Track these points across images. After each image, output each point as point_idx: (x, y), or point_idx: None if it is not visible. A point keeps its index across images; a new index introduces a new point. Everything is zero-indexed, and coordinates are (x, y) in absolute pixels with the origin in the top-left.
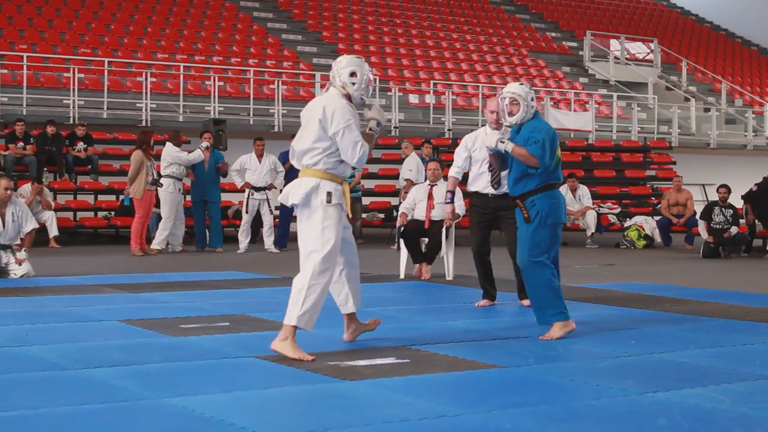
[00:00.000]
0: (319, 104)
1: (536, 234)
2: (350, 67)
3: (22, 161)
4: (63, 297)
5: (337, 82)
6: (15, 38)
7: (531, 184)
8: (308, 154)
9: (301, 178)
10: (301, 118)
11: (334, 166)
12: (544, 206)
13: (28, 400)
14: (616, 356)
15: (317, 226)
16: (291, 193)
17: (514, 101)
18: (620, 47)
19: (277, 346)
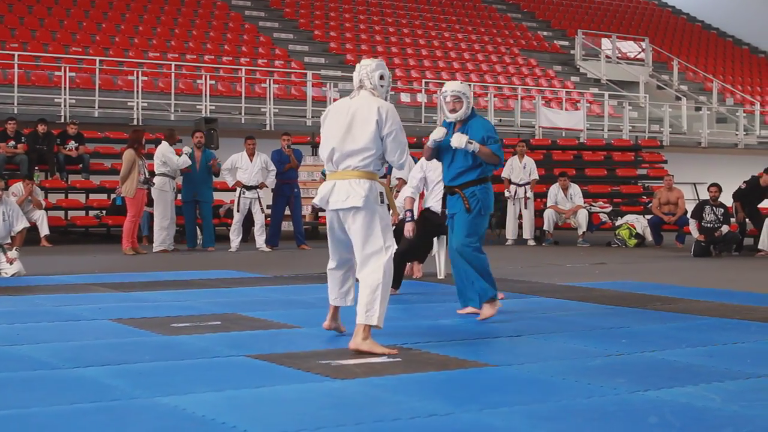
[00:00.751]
0: (370, 105)
1: (474, 222)
2: (380, 70)
3: (13, 160)
4: (54, 296)
5: (368, 85)
6: (6, 37)
7: (472, 176)
8: (359, 155)
9: (350, 180)
10: (333, 120)
11: (379, 168)
12: (484, 197)
13: (19, 399)
14: (608, 355)
15: (379, 226)
16: (348, 196)
17: (458, 98)
18: (611, 46)
19: (362, 345)
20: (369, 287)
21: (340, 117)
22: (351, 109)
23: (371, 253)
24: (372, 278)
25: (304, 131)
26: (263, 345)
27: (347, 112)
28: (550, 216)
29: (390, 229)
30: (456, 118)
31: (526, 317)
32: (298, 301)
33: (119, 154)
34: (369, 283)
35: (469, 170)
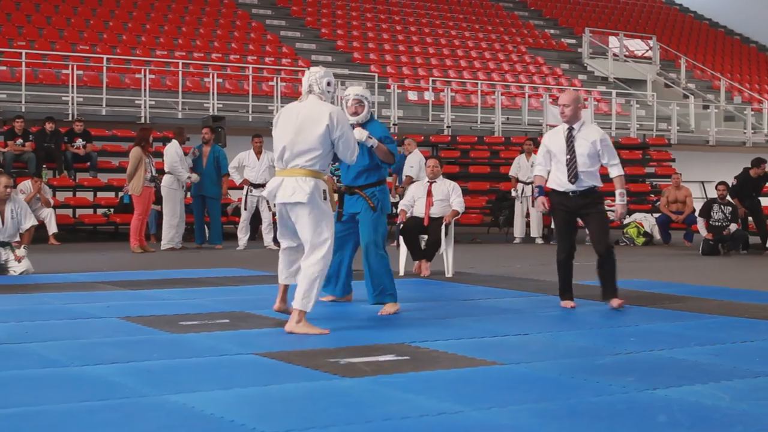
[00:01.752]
0: (320, 110)
1: (379, 222)
2: (327, 77)
3: (21, 158)
4: (62, 294)
5: (317, 90)
6: (13, 35)
7: (372, 177)
8: (307, 155)
9: (296, 178)
10: (284, 121)
11: (324, 167)
12: (382, 198)
13: (29, 397)
14: (616, 353)
15: (320, 221)
16: (293, 192)
17: (359, 102)
18: (619, 44)
19: (295, 328)
20: (308, 278)
21: (291, 119)
22: (301, 112)
23: (315, 246)
24: (312, 270)
25: None
26: (272, 343)
27: (297, 115)
28: None
29: (331, 223)
30: (357, 121)
31: (534, 315)
32: None
33: (127, 152)
34: (308, 274)
35: (368, 171)
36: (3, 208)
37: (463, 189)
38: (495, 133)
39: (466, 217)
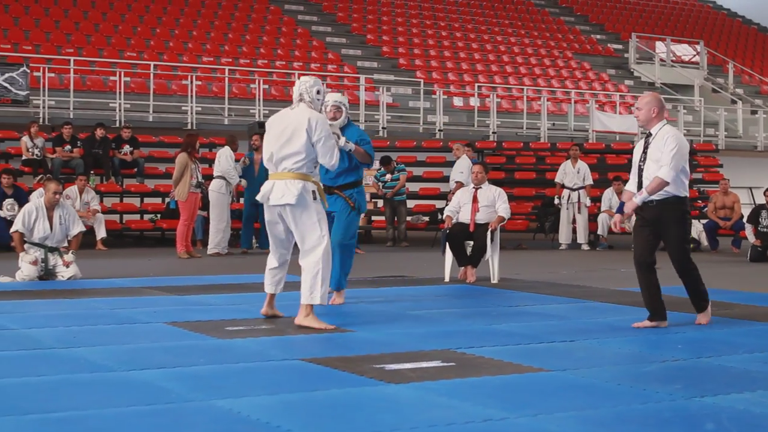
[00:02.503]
0: (302, 116)
1: (353, 221)
2: (317, 86)
3: (69, 164)
4: (110, 299)
5: (306, 98)
6: (62, 42)
7: (350, 178)
8: (292, 158)
9: (285, 181)
10: (274, 127)
11: (311, 170)
12: (360, 199)
13: (76, 401)
14: (663, 360)
15: (314, 220)
16: (283, 194)
17: (338, 108)
18: (666, 49)
19: (303, 321)
20: (310, 273)
21: (281, 125)
22: (290, 119)
23: (312, 243)
24: (313, 267)
25: None
26: (317, 348)
27: (287, 122)
28: (604, 220)
29: (324, 221)
30: (336, 125)
31: (581, 322)
32: (351, 305)
33: (173, 158)
34: (310, 270)
35: (347, 172)
36: (52, 214)
37: (509, 195)
38: (541, 139)
39: (512, 223)
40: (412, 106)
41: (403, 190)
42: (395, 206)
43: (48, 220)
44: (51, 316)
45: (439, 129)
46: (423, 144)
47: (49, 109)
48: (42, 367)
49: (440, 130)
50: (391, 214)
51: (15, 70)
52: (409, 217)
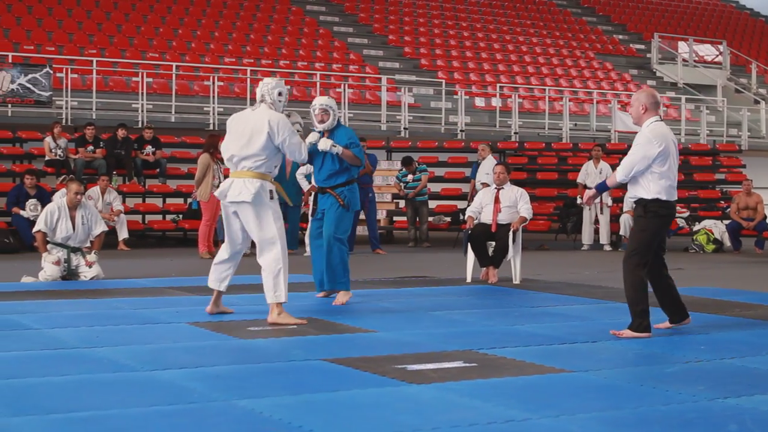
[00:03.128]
0: (262, 118)
1: (343, 216)
2: (278, 87)
3: (91, 165)
4: (132, 299)
5: (267, 100)
6: (84, 43)
7: (341, 178)
8: (253, 159)
9: (244, 179)
10: (235, 127)
11: (270, 170)
12: (351, 197)
13: (99, 401)
14: (686, 361)
15: (270, 218)
16: (240, 192)
17: (325, 111)
18: (688, 49)
19: (277, 319)
20: (271, 273)
21: (241, 125)
22: (251, 119)
23: (267, 242)
24: (273, 265)
25: (379, 136)
26: (339, 349)
27: (247, 122)
28: (626, 221)
29: (279, 221)
30: (324, 128)
31: (603, 323)
32: (373, 306)
33: (195, 159)
34: (271, 270)
35: (338, 173)
36: (74, 214)
37: (531, 195)
38: (563, 139)
39: (534, 223)
40: (434, 106)
41: (424, 191)
42: (417, 207)
43: (70, 220)
44: (74, 316)
45: (460, 129)
46: (445, 144)
47: (71, 110)
48: (65, 367)
49: (462, 131)
50: (412, 214)
51: (38, 71)
52: (430, 217)
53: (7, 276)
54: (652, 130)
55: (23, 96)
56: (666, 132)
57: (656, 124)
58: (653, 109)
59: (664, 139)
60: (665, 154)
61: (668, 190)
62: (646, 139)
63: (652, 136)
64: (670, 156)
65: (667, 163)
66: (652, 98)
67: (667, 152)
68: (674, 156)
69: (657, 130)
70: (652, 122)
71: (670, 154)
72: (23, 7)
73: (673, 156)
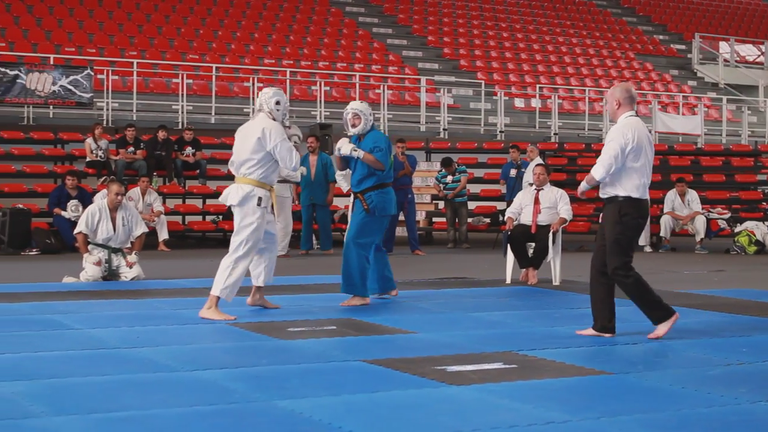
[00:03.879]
0: (256, 126)
1: (367, 222)
2: (275, 97)
3: (132, 166)
4: (172, 300)
5: (265, 109)
6: (125, 45)
7: (369, 182)
8: (245, 164)
9: (239, 184)
10: (237, 135)
11: (265, 176)
12: (378, 201)
13: (140, 401)
14: (728, 364)
15: (248, 223)
16: (230, 195)
17: (357, 116)
18: (730, 49)
19: (205, 313)
20: (223, 269)
21: (241, 133)
22: (248, 127)
23: (235, 243)
24: (227, 262)
25: (418, 137)
26: (379, 350)
27: (245, 131)
28: (666, 222)
29: (257, 231)
30: (356, 132)
31: (643, 325)
32: (412, 307)
33: None
34: (225, 267)
35: (366, 177)
36: (115, 215)
37: (571, 197)
38: (603, 140)
39: (574, 224)
40: (473, 107)
41: (464, 192)
42: (456, 208)
43: (111, 221)
44: (114, 316)
45: (500, 130)
46: (484, 145)
47: (112, 111)
48: (106, 367)
49: (501, 132)
50: (452, 215)
51: (79, 72)
52: (470, 218)
53: (49, 276)
54: (625, 124)
55: (64, 98)
56: (640, 127)
57: (630, 119)
58: (627, 104)
59: (637, 133)
60: (638, 150)
61: (642, 188)
62: (619, 134)
63: (626, 130)
64: (642, 151)
65: (641, 160)
66: (626, 93)
67: (640, 147)
68: (648, 152)
69: (630, 125)
70: (626, 117)
71: (643, 150)
72: (65, 10)
73: (646, 152)
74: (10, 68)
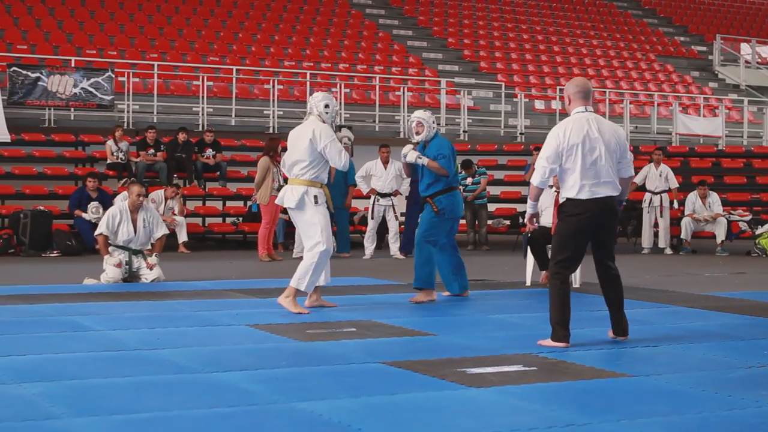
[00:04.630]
0: (307, 128)
1: (436, 222)
2: (325, 100)
3: (152, 168)
4: (193, 301)
5: (315, 112)
6: (146, 47)
7: (438, 187)
8: (297, 165)
9: (292, 186)
10: (289, 139)
11: (316, 176)
12: (447, 203)
13: (160, 402)
14: (749, 366)
15: (314, 221)
16: (285, 197)
17: (420, 124)
18: (751, 51)
19: (282, 301)
20: (305, 263)
21: (294, 136)
22: (300, 131)
23: (310, 242)
24: (309, 258)
25: None
26: (398, 352)
27: (297, 133)
28: (687, 224)
29: (323, 224)
30: (420, 140)
31: (664, 327)
32: (432, 309)
33: (255, 162)
34: (306, 261)
35: (434, 183)
36: (135, 217)
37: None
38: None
39: None
40: (493, 109)
41: (484, 194)
42: (476, 210)
43: (132, 223)
44: (135, 317)
45: (520, 132)
46: (504, 147)
47: (133, 114)
48: (127, 368)
49: (521, 134)
50: (472, 217)
51: (100, 75)
52: (490, 220)
53: (70, 278)
54: (564, 122)
55: (86, 100)
56: (581, 123)
57: (576, 115)
58: (578, 99)
59: (574, 130)
60: (574, 147)
61: (583, 187)
62: (552, 133)
63: (560, 129)
64: (576, 148)
65: (578, 158)
66: (575, 88)
67: (575, 144)
68: (590, 149)
69: (568, 121)
70: (576, 113)
71: (576, 147)
72: (86, 13)
73: (588, 149)
74: (32, 71)
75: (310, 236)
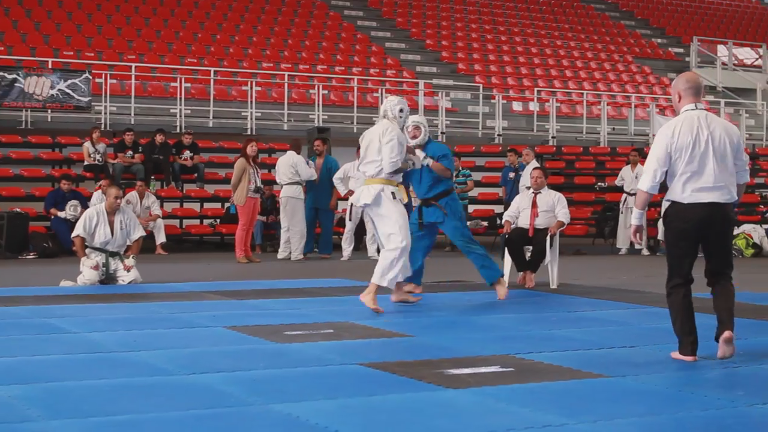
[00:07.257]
0: (379, 129)
1: (458, 225)
2: (399, 105)
3: (130, 170)
4: (170, 303)
5: (390, 115)
6: (123, 48)
7: (439, 188)
8: (371, 165)
9: (367, 186)
10: (362, 141)
11: (390, 175)
12: (453, 206)
13: (137, 404)
14: (725, 367)
15: (392, 218)
16: (362, 196)
17: (417, 127)
18: (728, 53)
19: (364, 297)
20: (386, 260)
21: (366, 138)
22: (372, 132)
23: (386, 236)
24: (389, 254)
25: None
26: (376, 353)
27: (370, 135)
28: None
29: (400, 219)
30: (416, 143)
31: (640, 328)
32: (409, 310)
33: (233, 164)
34: (386, 257)
35: (434, 184)
36: (113, 219)
37: (568, 200)
38: (600, 143)
39: (571, 228)
40: (471, 110)
41: (466, 195)
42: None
43: (109, 225)
44: (112, 320)
45: (498, 134)
46: (482, 149)
47: (110, 115)
48: (103, 371)
49: (499, 135)
50: None
51: (77, 76)
52: (468, 221)
53: (47, 280)
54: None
55: (63, 101)
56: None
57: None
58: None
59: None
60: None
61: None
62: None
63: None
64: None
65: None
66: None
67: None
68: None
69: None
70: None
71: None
72: (63, 14)
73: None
74: (9, 72)
75: (384, 231)
